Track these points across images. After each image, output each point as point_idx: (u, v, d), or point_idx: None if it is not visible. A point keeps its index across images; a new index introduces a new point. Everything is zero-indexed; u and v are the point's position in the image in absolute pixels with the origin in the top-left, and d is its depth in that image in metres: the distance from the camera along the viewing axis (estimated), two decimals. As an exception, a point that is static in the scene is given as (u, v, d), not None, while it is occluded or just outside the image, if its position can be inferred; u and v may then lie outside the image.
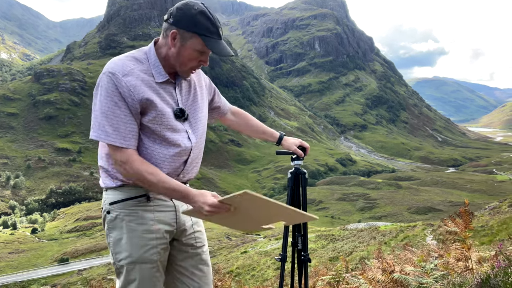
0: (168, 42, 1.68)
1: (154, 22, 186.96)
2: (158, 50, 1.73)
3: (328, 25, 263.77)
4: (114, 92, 1.60)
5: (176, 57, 1.69)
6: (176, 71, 1.75)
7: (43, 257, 52.63)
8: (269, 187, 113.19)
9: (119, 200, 1.72)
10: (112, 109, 1.60)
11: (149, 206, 1.73)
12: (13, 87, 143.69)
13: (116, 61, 1.67)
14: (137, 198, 1.72)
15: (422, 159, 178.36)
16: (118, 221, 1.72)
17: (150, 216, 1.73)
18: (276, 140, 2.26)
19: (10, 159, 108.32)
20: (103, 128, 1.61)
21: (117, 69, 1.62)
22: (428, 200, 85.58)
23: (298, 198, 2.27)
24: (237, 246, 31.65)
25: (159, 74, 1.70)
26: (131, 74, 1.64)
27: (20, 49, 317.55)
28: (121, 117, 1.61)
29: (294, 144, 2.28)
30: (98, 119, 1.61)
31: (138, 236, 1.70)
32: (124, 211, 1.71)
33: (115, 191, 1.74)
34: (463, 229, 2.00)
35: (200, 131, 1.85)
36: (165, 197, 1.77)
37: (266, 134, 2.26)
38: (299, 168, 2.29)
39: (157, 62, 1.71)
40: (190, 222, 1.88)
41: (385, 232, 19.72)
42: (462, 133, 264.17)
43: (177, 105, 1.75)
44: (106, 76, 1.62)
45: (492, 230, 12.09)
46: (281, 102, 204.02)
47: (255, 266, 18.52)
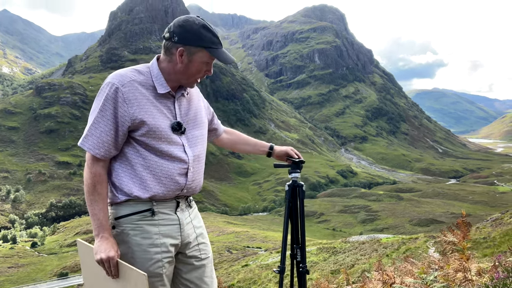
0: (174, 59, 1.74)
1: (155, 36, 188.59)
2: (160, 65, 1.79)
3: (327, 38, 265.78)
4: (108, 100, 1.67)
5: (183, 71, 1.76)
6: (177, 86, 1.83)
7: (42, 271, 52.25)
8: (270, 200, 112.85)
9: (124, 215, 1.75)
10: (99, 115, 1.68)
11: (153, 220, 1.76)
12: (14, 101, 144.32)
13: (118, 72, 1.75)
14: (141, 212, 1.75)
15: (423, 170, 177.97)
16: (123, 235, 1.74)
17: (154, 230, 1.75)
18: (266, 152, 2.30)
19: (11, 173, 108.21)
20: (87, 134, 1.71)
21: (117, 79, 1.69)
22: (430, 212, 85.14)
23: (296, 211, 2.27)
24: (238, 259, 31.42)
25: (161, 86, 1.76)
26: (130, 85, 1.70)
27: (22, 63, 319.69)
28: (102, 126, 1.69)
29: (285, 151, 2.29)
30: (88, 125, 1.72)
31: (143, 250, 1.73)
32: (129, 225, 1.74)
33: (119, 206, 1.76)
34: (461, 240, 2.01)
35: (198, 147, 1.88)
36: (169, 211, 1.81)
37: (257, 146, 2.31)
38: (296, 180, 2.27)
39: (159, 75, 1.77)
40: (194, 234, 1.90)
41: (387, 244, 19.59)
42: (463, 144, 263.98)
43: (175, 118, 1.79)
44: (106, 85, 1.70)
45: (494, 241, 12.01)
46: (281, 114, 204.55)
47: (256, 279, 18.36)
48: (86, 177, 1.71)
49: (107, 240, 1.66)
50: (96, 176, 1.70)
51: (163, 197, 1.77)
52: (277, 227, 73.20)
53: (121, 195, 1.75)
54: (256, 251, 37.72)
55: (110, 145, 1.70)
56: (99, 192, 1.69)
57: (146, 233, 1.74)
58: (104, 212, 1.69)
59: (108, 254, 1.63)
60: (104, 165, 1.74)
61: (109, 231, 1.69)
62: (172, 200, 1.82)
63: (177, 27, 1.71)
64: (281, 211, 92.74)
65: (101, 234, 1.66)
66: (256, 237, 55.68)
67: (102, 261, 1.63)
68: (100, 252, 1.63)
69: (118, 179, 1.76)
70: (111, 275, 1.66)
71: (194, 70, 1.76)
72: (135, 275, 1.60)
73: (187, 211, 1.90)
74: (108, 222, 1.69)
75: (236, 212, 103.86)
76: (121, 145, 1.74)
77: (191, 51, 1.72)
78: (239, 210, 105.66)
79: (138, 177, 1.74)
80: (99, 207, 1.68)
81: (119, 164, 1.77)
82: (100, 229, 1.67)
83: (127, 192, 1.74)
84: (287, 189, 2.27)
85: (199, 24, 1.71)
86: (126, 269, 1.64)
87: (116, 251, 1.66)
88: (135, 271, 1.60)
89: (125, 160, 1.76)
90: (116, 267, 1.65)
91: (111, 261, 1.63)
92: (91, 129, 1.69)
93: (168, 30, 1.74)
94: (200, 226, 1.98)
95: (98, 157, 1.71)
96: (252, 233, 59.15)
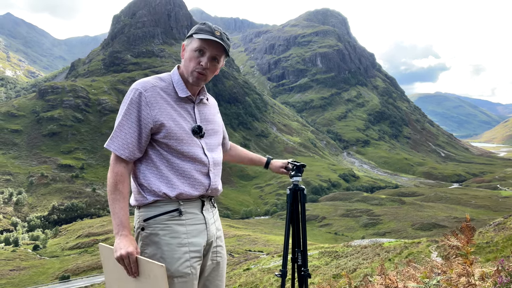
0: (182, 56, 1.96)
1: (157, 39, 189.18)
2: (179, 70, 1.95)
3: (329, 41, 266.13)
4: (132, 104, 1.80)
5: (184, 64, 1.92)
6: (197, 92, 1.96)
7: (44, 274, 52.27)
8: (272, 203, 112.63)
9: (153, 216, 1.81)
10: (124, 119, 1.81)
11: (181, 220, 1.82)
12: (17, 104, 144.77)
13: (142, 79, 1.88)
14: (169, 212, 1.81)
15: (425, 174, 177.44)
16: (153, 236, 1.79)
17: (182, 229, 1.81)
18: (264, 165, 2.42)
19: (13, 176, 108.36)
20: (112, 136, 1.82)
21: (140, 85, 1.83)
22: (432, 216, 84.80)
23: (298, 214, 2.31)
24: (239, 263, 31.33)
25: (181, 90, 1.89)
26: (152, 90, 1.83)
27: (25, 66, 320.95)
28: (126, 128, 1.80)
29: (281, 166, 2.41)
30: (114, 128, 1.84)
31: (173, 249, 1.78)
32: (158, 226, 1.80)
33: (148, 208, 1.83)
34: (464, 244, 2.01)
35: (215, 152, 1.98)
36: (195, 210, 1.89)
37: (254, 160, 2.43)
38: (297, 184, 2.31)
39: (180, 80, 1.91)
40: (215, 236, 1.98)
41: (389, 248, 19.51)
42: (465, 148, 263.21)
43: (195, 122, 1.91)
44: (130, 90, 1.84)
45: (497, 246, 11.95)
46: (283, 118, 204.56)
47: (258, 283, 18.30)
48: (109, 177, 1.79)
49: (126, 238, 1.70)
50: (118, 175, 1.77)
51: (189, 196, 1.84)
52: (278, 230, 73.04)
53: (149, 196, 1.82)
54: (258, 255, 37.62)
55: (134, 147, 1.80)
56: (120, 190, 1.75)
57: (174, 232, 1.80)
58: (125, 211, 1.74)
59: (127, 250, 1.66)
60: (127, 166, 1.81)
61: (129, 230, 1.74)
62: (197, 199, 1.89)
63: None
64: (283, 215, 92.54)
65: (120, 232, 1.71)
66: (258, 240, 55.59)
67: (122, 258, 1.66)
68: (120, 249, 1.67)
69: (145, 180, 1.84)
70: (131, 273, 1.68)
71: (188, 58, 1.88)
72: (154, 268, 1.62)
73: (211, 212, 1.97)
74: (128, 221, 1.74)
75: (238, 215, 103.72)
76: (144, 147, 1.83)
77: (188, 43, 1.90)
78: (241, 213, 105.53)
79: (164, 177, 1.82)
80: (120, 205, 1.73)
81: (145, 166, 1.85)
82: (120, 228, 1.71)
83: (156, 190, 1.80)
84: (289, 193, 2.29)
85: (203, 23, 1.89)
86: (145, 265, 1.66)
87: (135, 247, 1.70)
88: (153, 263, 1.63)
89: (151, 162, 1.84)
90: (135, 263, 1.67)
91: (130, 257, 1.66)
92: (116, 132, 1.80)
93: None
94: (220, 229, 2.05)
95: (123, 158, 1.79)
96: (254, 237, 59.05)
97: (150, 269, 1.64)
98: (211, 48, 1.85)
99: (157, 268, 1.61)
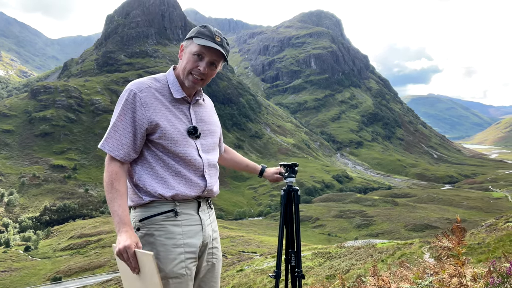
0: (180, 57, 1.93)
1: (151, 39, 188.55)
2: (175, 71, 1.93)
3: (323, 43, 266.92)
4: (127, 105, 1.79)
5: (181, 66, 1.89)
6: (193, 93, 1.94)
7: (36, 275, 51.83)
8: (265, 204, 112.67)
9: (148, 216, 1.80)
10: (118, 119, 1.79)
11: (177, 221, 1.81)
12: (9, 103, 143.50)
13: (137, 80, 1.87)
14: (165, 213, 1.80)
15: (418, 176, 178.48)
16: (148, 237, 1.78)
17: (178, 230, 1.80)
18: (258, 173, 2.43)
19: (5, 176, 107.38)
20: (107, 137, 1.81)
21: (135, 86, 1.82)
22: (425, 217, 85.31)
23: (291, 215, 2.31)
24: (233, 264, 31.28)
25: (176, 91, 1.87)
26: (147, 91, 1.81)
27: (17, 66, 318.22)
28: (121, 129, 1.78)
29: (275, 173, 2.43)
30: (109, 129, 1.82)
31: (168, 250, 1.76)
32: (153, 226, 1.79)
33: (143, 208, 1.82)
34: (456, 245, 2.02)
35: (211, 154, 1.96)
36: (191, 211, 1.87)
37: (249, 167, 2.43)
38: (291, 185, 2.32)
39: (175, 81, 1.89)
40: (211, 237, 1.96)
41: (382, 249, 19.59)
42: (458, 150, 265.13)
43: (190, 123, 1.89)
44: (125, 91, 1.83)
45: (489, 247, 12.04)
46: (277, 119, 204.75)
47: (251, 284, 18.28)
48: (104, 176, 1.77)
49: (127, 233, 1.66)
50: (113, 173, 1.75)
51: (185, 197, 1.82)
52: (272, 231, 73.05)
53: (145, 196, 1.81)
54: (251, 256, 37.57)
55: (129, 147, 1.78)
56: (116, 188, 1.73)
57: (170, 233, 1.78)
58: (123, 208, 1.71)
59: (124, 244, 1.62)
60: (122, 166, 1.79)
61: (130, 226, 1.70)
62: (193, 200, 1.88)
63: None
64: (277, 216, 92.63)
65: (121, 229, 1.68)
66: (251, 241, 55.53)
67: (120, 252, 1.63)
68: (118, 244, 1.64)
69: (141, 181, 1.82)
70: (132, 268, 1.64)
71: (185, 60, 1.86)
72: (144, 258, 1.60)
73: (207, 213, 1.96)
74: (128, 217, 1.71)
75: (231, 216, 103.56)
76: (139, 148, 1.82)
77: (186, 45, 1.87)
78: (234, 214, 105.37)
79: (160, 177, 1.80)
80: (118, 203, 1.70)
81: (141, 167, 1.84)
82: (121, 225, 1.68)
83: (151, 191, 1.79)
84: (282, 193, 2.30)
85: (202, 25, 1.88)
86: (140, 258, 1.62)
87: (134, 241, 1.65)
88: (142, 253, 1.60)
89: (146, 163, 1.83)
90: (134, 257, 1.63)
91: (128, 250, 1.61)
92: (110, 132, 1.79)
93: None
94: (216, 230, 2.03)
95: (118, 159, 1.78)
96: (247, 238, 58.99)
97: (144, 261, 1.61)
98: (210, 54, 1.83)
99: (146, 256, 1.59)
